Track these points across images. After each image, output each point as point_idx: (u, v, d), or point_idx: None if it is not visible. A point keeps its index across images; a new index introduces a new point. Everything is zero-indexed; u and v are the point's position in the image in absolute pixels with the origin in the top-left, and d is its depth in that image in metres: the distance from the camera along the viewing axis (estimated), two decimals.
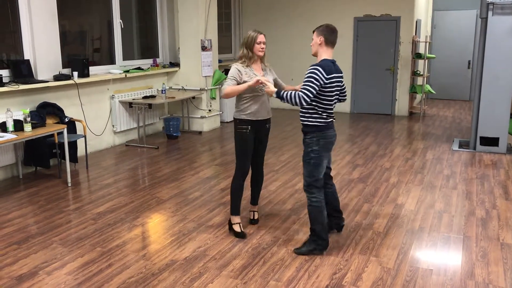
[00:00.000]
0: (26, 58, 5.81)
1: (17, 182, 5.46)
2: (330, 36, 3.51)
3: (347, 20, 9.99)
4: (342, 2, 10.02)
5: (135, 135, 7.56)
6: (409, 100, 10.02)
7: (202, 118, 8.32)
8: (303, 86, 3.42)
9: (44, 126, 5.22)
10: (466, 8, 12.06)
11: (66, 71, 6.22)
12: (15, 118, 5.03)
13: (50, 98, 5.98)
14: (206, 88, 8.25)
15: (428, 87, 10.17)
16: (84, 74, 6.31)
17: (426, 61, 10.03)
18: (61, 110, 5.98)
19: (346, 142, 7.50)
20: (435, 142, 7.46)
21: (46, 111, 5.75)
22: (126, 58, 7.61)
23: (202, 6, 7.94)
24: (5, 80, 5.44)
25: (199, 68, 8.10)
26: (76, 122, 6.16)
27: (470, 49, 12.15)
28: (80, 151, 6.22)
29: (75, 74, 6.17)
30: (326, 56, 3.53)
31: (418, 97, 11.52)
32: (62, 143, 5.35)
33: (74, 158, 5.95)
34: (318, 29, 3.55)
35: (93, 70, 6.74)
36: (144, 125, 7.30)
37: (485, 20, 6.50)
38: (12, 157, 5.54)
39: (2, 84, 5.28)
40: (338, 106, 3.80)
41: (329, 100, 3.51)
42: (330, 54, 3.55)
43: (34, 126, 5.03)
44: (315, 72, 3.39)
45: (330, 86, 3.47)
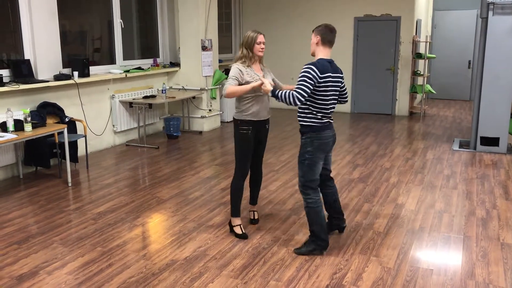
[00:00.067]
0: (26, 58, 5.82)
1: (17, 182, 5.46)
2: (326, 35, 3.47)
3: (347, 20, 9.99)
4: (342, 2, 10.02)
5: (136, 135, 7.56)
6: (409, 100, 10.02)
7: (202, 118, 8.32)
8: (297, 85, 3.39)
9: (44, 126, 5.22)
10: (466, 8, 12.06)
11: (67, 71, 6.22)
12: (16, 118, 5.03)
13: (50, 98, 5.99)
14: (206, 88, 8.25)
15: (428, 87, 10.17)
16: (84, 74, 6.31)
17: (427, 61, 10.03)
18: (61, 110, 5.99)
19: (346, 142, 7.50)
20: (436, 142, 7.46)
21: (47, 111, 5.76)
22: (126, 58, 7.61)
23: (203, 6, 7.94)
24: (5, 80, 5.44)
25: (200, 68, 8.10)
26: (76, 122, 6.16)
27: (471, 49, 12.15)
28: (80, 151, 6.22)
29: (76, 74, 6.17)
30: (322, 55, 3.50)
31: (419, 97, 11.51)
32: (63, 143, 5.35)
33: (74, 158, 5.96)
34: (316, 28, 3.53)
35: (93, 70, 6.74)
36: (144, 125, 7.31)
37: (485, 20, 6.50)
38: (12, 157, 5.54)
39: (2, 84, 5.28)
40: (338, 106, 3.79)
41: (324, 100, 3.46)
42: (327, 54, 3.52)
43: (34, 126, 5.03)
44: (308, 71, 3.36)
45: (324, 86, 3.42)
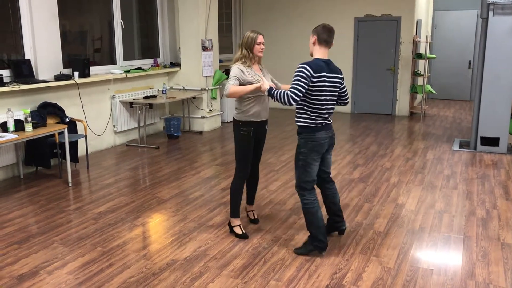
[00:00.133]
0: (27, 58, 5.82)
1: (18, 182, 5.47)
2: (323, 34, 3.44)
3: (348, 20, 9.99)
4: (342, 2, 10.02)
5: (136, 135, 7.57)
6: (409, 100, 10.02)
7: (202, 118, 8.32)
8: (291, 85, 3.37)
9: (45, 126, 5.22)
10: (466, 8, 12.06)
11: (67, 71, 6.23)
12: (16, 118, 5.03)
13: (51, 98, 5.99)
14: (206, 88, 8.25)
15: (428, 87, 10.17)
16: (84, 74, 6.32)
17: (427, 61, 10.03)
18: (61, 110, 5.99)
19: (346, 142, 7.50)
20: (436, 142, 7.46)
21: (47, 111, 5.76)
22: (126, 58, 7.62)
23: (203, 6, 7.94)
24: (6, 80, 5.44)
25: (200, 68, 8.11)
26: (77, 122, 6.17)
27: (471, 49, 12.15)
28: (81, 151, 6.22)
29: (76, 74, 6.18)
30: (319, 55, 3.47)
31: (419, 97, 11.51)
32: (63, 143, 5.35)
33: (74, 158, 5.96)
34: (314, 28, 3.51)
35: (93, 70, 6.75)
36: (144, 125, 7.31)
37: (485, 20, 6.50)
38: (13, 157, 5.55)
39: (3, 84, 5.29)
40: (338, 106, 3.78)
41: (318, 100, 3.42)
42: (324, 54, 3.48)
43: (35, 126, 5.03)
44: (302, 70, 3.34)
45: (318, 86, 3.39)
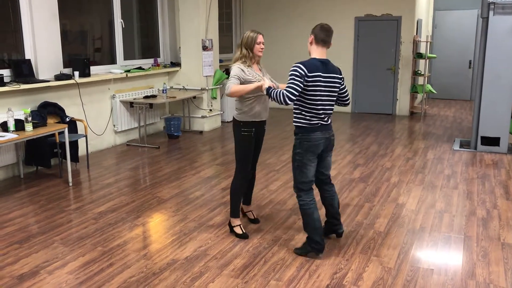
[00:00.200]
0: (27, 57, 5.82)
1: (18, 182, 5.47)
2: (320, 34, 3.41)
3: (348, 20, 9.99)
4: (342, 2, 10.02)
5: (136, 135, 7.57)
6: (410, 100, 10.02)
7: (203, 117, 8.32)
8: (287, 85, 3.37)
9: (45, 125, 5.22)
10: (467, 7, 12.06)
11: (67, 71, 6.23)
12: (16, 117, 5.03)
13: (51, 97, 5.99)
14: (207, 87, 8.25)
15: (429, 87, 10.17)
16: (85, 73, 6.32)
17: (427, 60, 10.03)
18: (62, 110, 5.99)
19: (347, 141, 7.50)
20: (436, 142, 7.46)
21: (47, 111, 5.76)
22: (127, 57, 7.62)
23: (203, 6, 7.94)
24: (6, 79, 5.44)
25: (200, 67, 8.11)
26: (77, 122, 6.17)
27: (471, 48, 12.15)
28: (81, 151, 6.22)
29: (76, 73, 6.18)
30: (316, 55, 3.44)
31: (419, 97, 11.51)
32: (63, 143, 5.35)
33: (75, 158, 5.96)
34: (313, 28, 3.50)
35: (94, 69, 6.75)
36: (145, 124, 7.31)
37: (486, 19, 6.49)
38: (13, 156, 5.55)
39: (3, 83, 5.28)
40: (339, 106, 3.78)
41: (313, 100, 3.40)
42: (321, 53, 3.45)
43: (35, 126, 5.03)
44: (296, 69, 3.33)
45: (313, 86, 3.36)
